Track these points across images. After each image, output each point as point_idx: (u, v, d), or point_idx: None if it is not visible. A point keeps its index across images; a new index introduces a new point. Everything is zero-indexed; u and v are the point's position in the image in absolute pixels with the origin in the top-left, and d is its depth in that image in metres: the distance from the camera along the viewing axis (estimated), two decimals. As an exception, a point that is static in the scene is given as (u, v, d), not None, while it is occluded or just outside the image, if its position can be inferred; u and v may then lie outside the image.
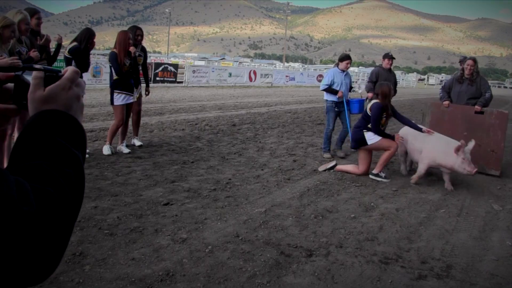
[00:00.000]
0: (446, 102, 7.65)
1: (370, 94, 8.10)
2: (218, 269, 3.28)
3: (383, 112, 6.29)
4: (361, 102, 7.86)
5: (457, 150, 5.64)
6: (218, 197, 5.00)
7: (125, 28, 7.12)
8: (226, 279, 3.14)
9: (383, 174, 6.35)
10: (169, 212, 4.40)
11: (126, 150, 6.70)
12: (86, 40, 6.26)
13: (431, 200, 5.50)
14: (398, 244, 4.00)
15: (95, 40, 6.43)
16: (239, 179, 5.83)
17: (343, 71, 7.72)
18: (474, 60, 7.60)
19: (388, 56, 8.58)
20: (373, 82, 8.26)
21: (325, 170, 6.55)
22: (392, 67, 8.62)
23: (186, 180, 5.58)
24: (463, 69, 7.66)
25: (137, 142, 7.32)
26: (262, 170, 6.41)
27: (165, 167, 6.12)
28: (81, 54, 6.22)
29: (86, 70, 6.55)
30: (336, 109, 7.72)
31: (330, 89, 7.62)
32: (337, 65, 7.83)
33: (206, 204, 4.71)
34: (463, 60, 8.35)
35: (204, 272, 3.22)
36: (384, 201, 5.34)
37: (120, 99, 6.60)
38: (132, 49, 6.63)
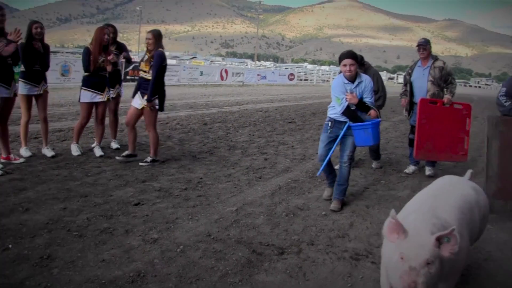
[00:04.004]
0: None
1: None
2: (190, 268, 3.27)
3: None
4: (372, 128, 4.75)
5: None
6: (190, 196, 4.98)
7: (95, 26, 6.92)
8: (198, 279, 3.13)
9: (149, 158, 6.30)
10: (140, 212, 4.36)
11: (98, 154, 6.53)
12: (27, 33, 6.03)
13: (400, 196, 5.60)
14: (369, 240, 4.06)
15: (37, 28, 6.05)
16: (210, 178, 5.81)
17: (349, 81, 4.86)
18: None
19: None
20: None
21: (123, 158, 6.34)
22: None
23: (157, 180, 5.53)
24: None
25: (113, 145, 7.12)
26: (233, 169, 6.41)
27: (136, 167, 6.05)
28: (24, 49, 5.97)
29: (30, 66, 6.09)
30: (331, 130, 5.00)
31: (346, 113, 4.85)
32: None
33: (177, 204, 4.69)
34: (422, 43, 6.61)
35: (176, 272, 3.20)
36: (354, 198, 5.41)
37: (85, 96, 6.46)
38: (111, 58, 6.38)
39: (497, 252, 4.04)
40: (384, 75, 65.93)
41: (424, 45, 6.56)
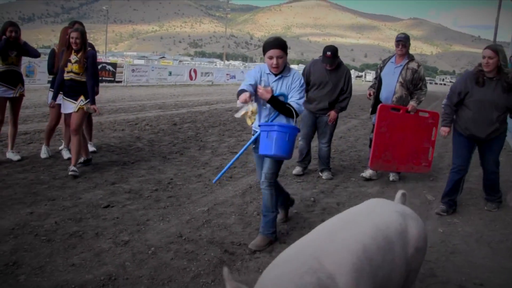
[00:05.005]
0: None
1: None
2: (162, 270, 3.25)
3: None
4: (278, 131, 3.43)
5: None
6: (160, 197, 4.94)
7: (60, 26, 6.71)
8: (170, 280, 3.11)
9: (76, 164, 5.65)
10: (109, 214, 4.30)
11: (66, 156, 6.37)
12: (1, 33, 5.81)
13: (370, 193, 5.69)
14: (339, 237, 4.10)
15: (12, 32, 5.77)
16: (181, 178, 5.78)
17: (274, 74, 3.70)
18: (496, 50, 4.62)
19: None
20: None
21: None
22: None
23: (127, 181, 5.46)
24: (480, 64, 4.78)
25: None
26: (204, 169, 6.39)
27: (105, 169, 5.96)
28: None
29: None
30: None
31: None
32: None
33: (148, 205, 4.64)
34: (401, 39, 5.99)
35: (148, 274, 3.17)
36: (325, 196, 5.47)
37: (51, 97, 6.31)
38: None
39: (463, 245, 4.16)
40: (352, 73, 66.33)
41: (404, 42, 5.95)
